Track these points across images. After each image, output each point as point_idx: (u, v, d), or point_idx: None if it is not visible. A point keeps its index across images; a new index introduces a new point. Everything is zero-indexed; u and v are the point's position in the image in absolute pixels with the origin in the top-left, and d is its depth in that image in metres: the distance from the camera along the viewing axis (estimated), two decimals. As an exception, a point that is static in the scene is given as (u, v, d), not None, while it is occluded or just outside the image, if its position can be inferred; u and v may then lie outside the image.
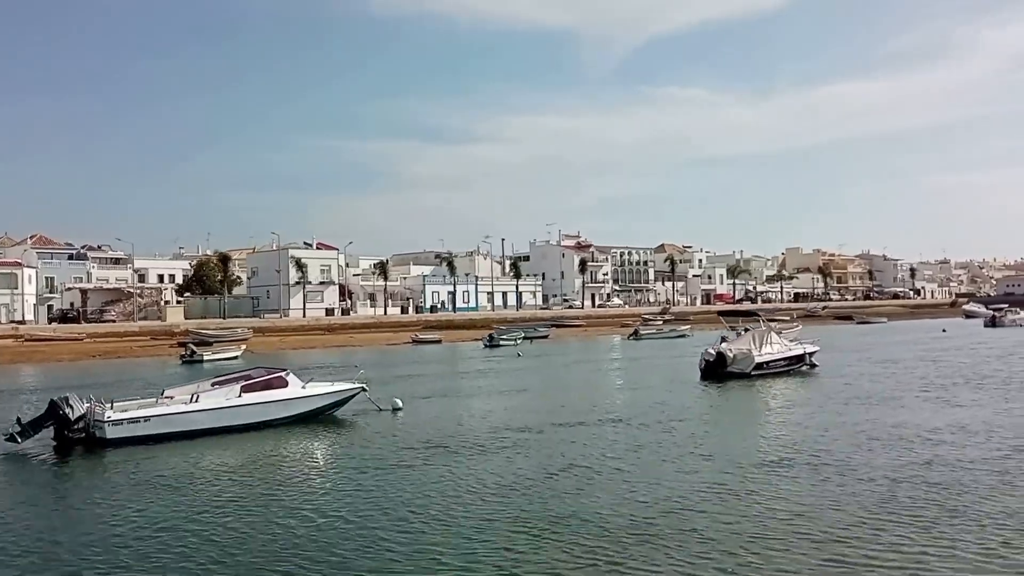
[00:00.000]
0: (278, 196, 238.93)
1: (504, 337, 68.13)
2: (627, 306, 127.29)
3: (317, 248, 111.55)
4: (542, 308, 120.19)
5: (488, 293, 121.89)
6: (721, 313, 38.29)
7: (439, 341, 73.73)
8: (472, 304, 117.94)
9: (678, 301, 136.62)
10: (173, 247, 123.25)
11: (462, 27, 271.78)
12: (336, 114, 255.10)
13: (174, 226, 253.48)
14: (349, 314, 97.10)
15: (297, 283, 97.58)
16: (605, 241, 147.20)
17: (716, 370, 33.60)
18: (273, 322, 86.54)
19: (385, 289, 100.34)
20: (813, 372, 36.83)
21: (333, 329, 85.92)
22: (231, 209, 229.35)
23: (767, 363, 34.41)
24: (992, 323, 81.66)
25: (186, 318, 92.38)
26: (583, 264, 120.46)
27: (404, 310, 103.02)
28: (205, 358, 52.60)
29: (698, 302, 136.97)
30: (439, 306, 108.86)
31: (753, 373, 33.52)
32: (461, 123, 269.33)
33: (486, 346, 64.79)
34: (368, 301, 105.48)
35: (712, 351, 34.34)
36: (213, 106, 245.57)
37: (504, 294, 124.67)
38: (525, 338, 72.12)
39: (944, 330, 74.64)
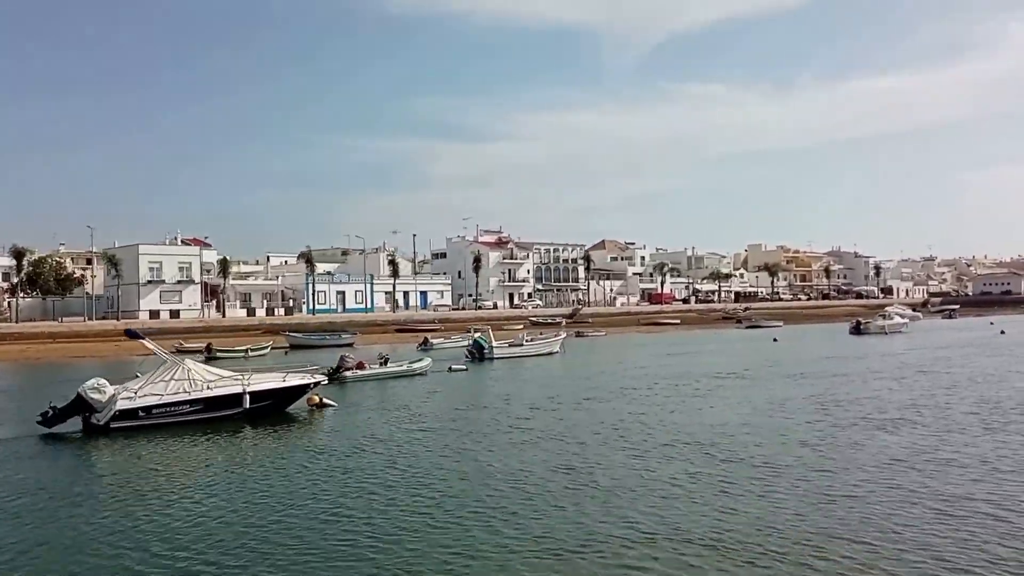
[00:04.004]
0: (300, 195, 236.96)
1: (229, 351, 58.78)
2: (541, 306, 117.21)
3: (184, 244, 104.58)
4: (452, 308, 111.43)
5: (386, 293, 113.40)
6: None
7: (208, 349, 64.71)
8: (367, 305, 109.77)
9: (613, 301, 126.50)
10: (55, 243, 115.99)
11: (481, 26, 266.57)
12: (357, 113, 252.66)
13: (185, 227, 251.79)
14: (179, 316, 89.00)
15: (149, 282, 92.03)
16: (622, 239, 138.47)
17: (67, 419, 23.65)
18: (71, 327, 79.01)
19: (223, 288, 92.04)
20: (259, 423, 25.11)
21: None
22: (252, 208, 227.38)
23: (148, 409, 23.97)
24: (856, 330, 68.87)
25: (17, 321, 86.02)
26: (476, 262, 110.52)
27: (252, 312, 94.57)
28: None
29: (618, 302, 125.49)
30: (295, 307, 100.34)
31: (115, 425, 23.36)
32: (481, 121, 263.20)
33: (206, 359, 55.53)
34: (238, 302, 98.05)
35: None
36: (234, 108, 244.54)
37: (406, 294, 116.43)
38: (291, 347, 62.77)
39: (775, 339, 62.48)
